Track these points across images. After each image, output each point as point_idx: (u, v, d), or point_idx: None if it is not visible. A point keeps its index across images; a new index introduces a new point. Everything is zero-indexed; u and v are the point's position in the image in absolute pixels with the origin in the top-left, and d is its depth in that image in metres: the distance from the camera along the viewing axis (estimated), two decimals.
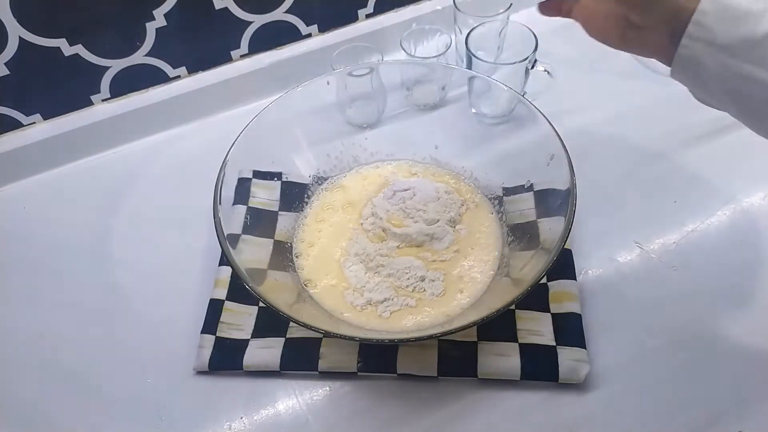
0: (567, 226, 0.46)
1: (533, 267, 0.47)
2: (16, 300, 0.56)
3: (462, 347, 0.49)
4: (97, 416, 0.49)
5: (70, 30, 0.59)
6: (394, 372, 0.48)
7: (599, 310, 0.52)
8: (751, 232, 0.56)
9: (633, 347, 0.50)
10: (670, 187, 0.60)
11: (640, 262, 0.55)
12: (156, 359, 0.51)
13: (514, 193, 0.56)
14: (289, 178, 0.58)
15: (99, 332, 0.53)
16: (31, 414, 0.49)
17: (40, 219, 0.63)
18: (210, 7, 0.64)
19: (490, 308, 0.43)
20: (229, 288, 0.53)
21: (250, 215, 0.54)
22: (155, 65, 0.66)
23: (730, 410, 0.46)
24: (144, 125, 0.69)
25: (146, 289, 0.56)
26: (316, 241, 0.56)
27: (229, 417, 0.48)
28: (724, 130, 0.64)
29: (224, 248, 0.46)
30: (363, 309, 0.51)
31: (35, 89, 0.63)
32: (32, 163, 0.66)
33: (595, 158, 0.63)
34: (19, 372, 0.52)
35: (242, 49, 0.70)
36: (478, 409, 0.47)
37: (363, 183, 0.60)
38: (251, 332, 0.51)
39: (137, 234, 0.61)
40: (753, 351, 0.49)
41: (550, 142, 0.51)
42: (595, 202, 0.57)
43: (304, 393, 0.49)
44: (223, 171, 0.50)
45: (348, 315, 0.51)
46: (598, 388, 0.48)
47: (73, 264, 0.58)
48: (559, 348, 0.48)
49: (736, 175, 0.60)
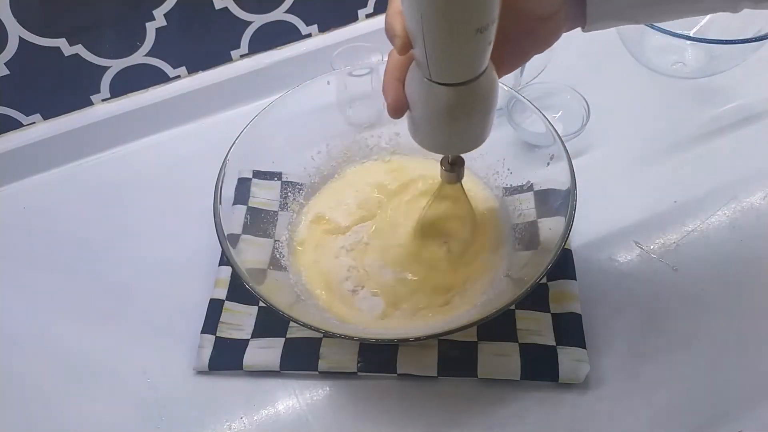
0: (567, 226, 0.46)
1: (533, 267, 0.47)
2: (15, 299, 0.56)
3: (462, 347, 0.49)
4: (97, 416, 0.49)
5: (70, 30, 0.59)
6: (394, 372, 0.48)
7: (599, 310, 0.52)
8: (751, 232, 0.56)
9: (633, 347, 0.50)
10: (670, 187, 0.60)
11: (640, 262, 0.55)
12: (156, 359, 0.51)
13: (514, 193, 0.56)
14: (289, 178, 0.58)
15: (99, 332, 0.53)
16: (31, 413, 0.49)
17: (40, 219, 0.63)
18: (210, 7, 0.64)
19: (490, 308, 0.43)
20: (229, 288, 0.53)
21: (250, 215, 0.54)
22: (155, 65, 0.66)
23: (730, 410, 0.46)
24: (144, 125, 0.69)
25: (146, 289, 0.56)
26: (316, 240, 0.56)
27: (229, 417, 0.48)
28: (724, 130, 0.64)
29: (224, 248, 0.46)
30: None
31: (35, 89, 0.63)
32: (32, 163, 0.66)
33: (595, 158, 0.63)
34: (19, 372, 0.52)
35: (242, 49, 0.70)
36: (478, 409, 0.47)
37: (363, 183, 0.60)
38: (251, 332, 0.51)
39: (137, 234, 0.60)
40: (753, 351, 0.49)
41: (550, 142, 0.51)
42: (595, 202, 0.57)
43: (304, 393, 0.49)
44: (223, 171, 0.50)
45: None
46: (598, 388, 0.48)
47: (72, 264, 0.58)
48: (559, 348, 0.48)
49: (736, 175, 0.60)
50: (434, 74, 0.34)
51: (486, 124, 0.39)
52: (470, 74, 0.34)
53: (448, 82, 0.34)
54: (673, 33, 0.59)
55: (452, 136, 0.38)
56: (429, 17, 0.30)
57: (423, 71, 0.34)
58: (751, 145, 0.63)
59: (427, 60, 0.33)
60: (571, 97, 0.63)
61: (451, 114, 0.36)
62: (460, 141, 0.39)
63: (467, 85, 0.34)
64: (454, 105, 0.35)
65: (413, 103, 0.37)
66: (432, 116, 0.37)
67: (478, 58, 0.33)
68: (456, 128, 0.37)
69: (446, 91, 0.34)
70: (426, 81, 0.35)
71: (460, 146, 0.41)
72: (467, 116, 0.36)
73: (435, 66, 0.33)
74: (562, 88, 0.64)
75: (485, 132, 0.39)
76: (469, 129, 0.38)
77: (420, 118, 0.38)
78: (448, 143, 0.40)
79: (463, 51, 0.32)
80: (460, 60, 0.33)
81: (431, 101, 0.35)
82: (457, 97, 0.35)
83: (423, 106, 0.36)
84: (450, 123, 0.37)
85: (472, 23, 0.30)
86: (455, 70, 0.34)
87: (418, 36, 0.31)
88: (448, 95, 0.35)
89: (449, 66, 0.33)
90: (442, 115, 0.36)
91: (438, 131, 0.38)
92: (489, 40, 0.32)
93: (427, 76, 0.34)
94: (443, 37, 0.31)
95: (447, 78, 0.34)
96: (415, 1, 0.29)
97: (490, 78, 0.35)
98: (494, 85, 0.36)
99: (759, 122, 0.65)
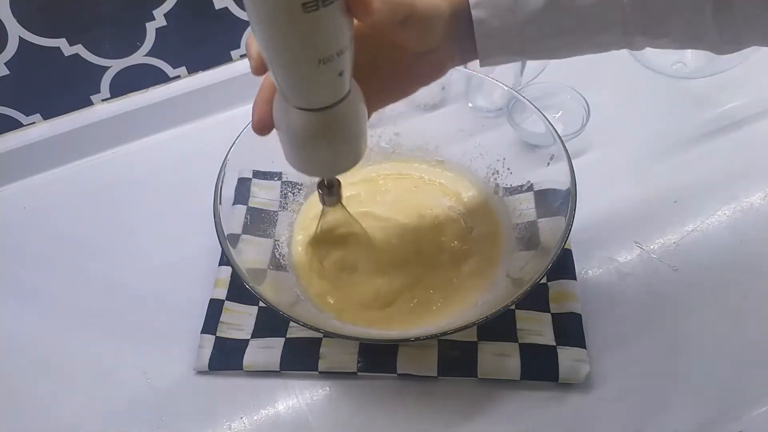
0: (567, 226, 0.46)
1: (533, 267, 0.47)
2: (15, 299, 0.56)
3: (462, 347, 0.49)
4: (97, 416, 0.49)
5: (70, 30, 0.59)
6: (394, 372, 0.48)
7: (599, 310, 0.52)
8: (752, 232, 0.56)
9: (633, 347, 0.50)
10: (670, 187, 0.60)
11: (640, 262, 0.55)
12: (156, 359, 0.51)
13: (514, 193, 0.56)
14: (289, 177, 0.58)
15: (99, 332, 0.53)
16: (31, 413, 0.49)
17: (40, 219, 0.63)
18: (210, 7, 0.64)
19: (490, 308, 0.43)
20: (229, 288, 0.53)
21: (250, 215, 0.54)
22: (155, 65, 0.66)
23: (730, 410, 0.46)
24: (144, 125, 0.69)
25: (146, 289, 0.56)
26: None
27: (229, 417, 0.48)
28: (724, 130, 0.64)
29: (224, 248, 0.46)
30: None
31: (35, 89, 0.63)
32: (32, 163, 0.66)
33: (595, 158, 0.63)
34: (19, 372, 0.52)
35: (242, 49, 0.70)
36: (478, 409, 0.47)
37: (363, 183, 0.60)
38: (251, 332, 0.51)
39: (137, 234, 0.60)
40: (753, 351, 0.49)
41: (550, 142, 0.51)
42: (595, 202, 0.57)
43: (304, 393, 0.49)
44: (223, 171, 0.50)
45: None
46: (598, 388, 0.48)
47: (72, 264, 0.58)
48: (559, 348, 0.48)
49: (736, 175, 0.60)
50: (288, 98, 0.34)
51: (351, 148, 0.38)
52: (323, 102, 0.33)
53: (302, 107, 0.34)
54: None
55: (315, 159, 0.38)
56: (268, 46, 0.29)
57: (281, 94, 0.34)
58: (751, 145, 0.63)
59: (278, 84, 0.33)
60: (571, 97, 0.63)
61: (309, 137, 0.35)
62: (325, 164, 0.39)
63: (325, 110, 0.34)
64: (311, 129, 0.35)
65: (277, 124, 0.37)
66: (291, 138, 0.36)
67: (326, 88, 0.32)
68: (318, 151, 0.37)
69: (303, 115, 0.34)
70: (284, 104, 0.34)
71: (326, 169, 0.41)
72: (327, 140, 0.36)
73: (285, 91, 0.33)
74: (562, 88, 0.64)
75: (353, 156, 0.39)
76: (331, 153, 0.37)
77: (282, 139, 0.38)
78: (312, 165, 0.39)
79: (308, 80, 0.31)
80: (307, 88, 0.32)
81: (291, 124, 0.35)
82: (314, 122, 0.34)
83: (284, 128, 0.36)
84: (311, 145, 0.36)
85: (313, 54, 0.29)
86: (305, 97, 0.33)
87: (267, 61, 0.31)
88: (304, 119, 0.34)
89: (298, 93, 0.33)
90: (301, 138, 0.36)
91: (300, 153, 0.38)
92: (339, 71, 0.31)
93: (285, 98, 0.34)
94: (285, 65, 0.30)
95: (300, 103, 0.33)
96: (256, 30, 0.29)
97: (352, 105, 0.35)
98: (355, 112, 0.35)
99: (759, 122, 0.65)
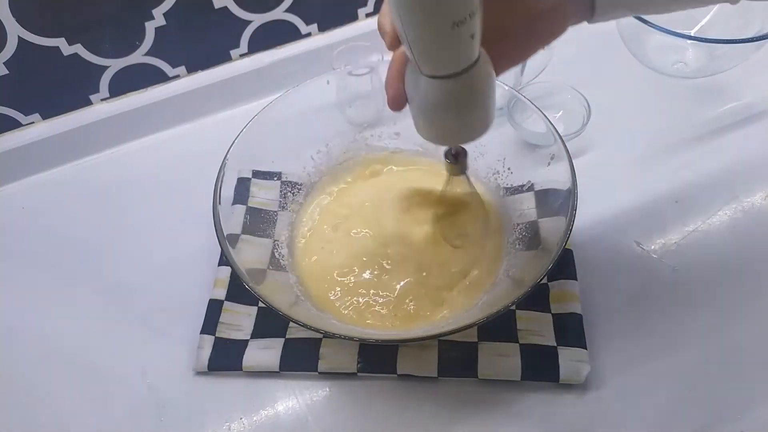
0: (568, 227, 0.46)
1: (534, 267, 0.47)
2: (15, 299, 0.56)
3: (462, 348, 0.49)
4: (97, 416, 0.48)
5: (69, 29, 0.59)
6: (394, 372, 0.48)
7: (600, 310, 0.51)
8: (752, 232, 0.56)
9: (633, 347, 0.50)
10: (670, 187, 0.60)
11: (640, 262, 0.55)
12: (156, 359, 0.51)
13: (514, 193, 0.56)
14: (288, 178, 0.58)
15: (98, 332, 0.53)
16: (30, 413, 0.49)
17: (40, 219, 0.63)
18: (209, 6, 0.63)
19: (491, 308, 0.43)
20: (228, 288, 0.53)
21: (249, 215, 0.54)
22: (154, 65, 0.66)
23: (731, 410, 0.46)
24: (143, 125, 0.69)
25: (145, 289, 0.56)
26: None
27: (228, 417, 0.48)
28: (725, 130, 0.64)
29: (224, 248, 0.46)
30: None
31: (34, 89, 0.63)
32: (32, 163, 0.66)
33: (596, 158, 0.63)
34: (18, 372, 0.51)
35: (242, 49, 0.69)
36: (478, 409, 0.47)
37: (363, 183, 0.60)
38: (251, 333, 0.51)
39: (136, 234, 0.60)
40: (753, 351, 0.49)
41: (551, 142, 0.51)
42: (596, 202, 0.57)
43: (304, 393, 0.49)
44: (222, 171, 0.50)
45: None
46: (598, 388, 0.47)
47: (72, 264, 0.58)
48: (560, 348, 0.48)
49: (736, 175, 0.60)
50: (422, 68, 0.34)
51: (481, 115, 0.39)
52: (456, 67, 0.34)
53: (435, 75, 0.35)
54: (674, 32, 0.59)
55: (447, 128, 0.39)
56: (404, 14, 0.31)
57: (413, 65, 0.35)
58: (752, 145, 0.63)
59: (412, 54, 0.34)
60: (572, 97, 0.63)
61: (441, 105, 0.36)
62: (457, 132, 0.40)
63: (456, 77, 0.34)
64: (444, 97, 0.36)
65: (410, 97, 0.38)
66: (425, 108, 0.37)
67: (459, 52, 0.33)
68: (449, 120, 0.38)
69: (434, 83, 0.35)
70: (417, 74, 0.35)
71: (457, 137, 0.41)
72: (459, 108, 0.37)
73: (419, 60, 0.34)
74: (562, 88, 0.64)
75: (482, 123, 0.39)
76: (463, 120, 0.38)
77: (416, 111, 0.39)
78: (444, 134, 0.40)
79: (443, 45, 0.32)
80: (442, 54, 0.33)
81: (423, 94, 0.36)
82: (446, 90, 0.35)
83: (416, 99, 0.37)
84: (442, 114, 0.37)
85: (447, 17, 0.30)
86: (439, 63, 0.34)
87: (401, 32, 0.32)
88: (436, 87, 0.35)
89: (432, 60, 0.34)
90: (434, 106, 0.37)
91: (432, 123, 0.39)
92: (471, 33, 0.32)
93: (417, 69, 0.35)
94: (420, 32, 0.32)
95: (433, 71, 0.34)
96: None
97: (482, 70, 0.35)
98: (486, 77, 0.36)
99: (759, 122, 0.65)
